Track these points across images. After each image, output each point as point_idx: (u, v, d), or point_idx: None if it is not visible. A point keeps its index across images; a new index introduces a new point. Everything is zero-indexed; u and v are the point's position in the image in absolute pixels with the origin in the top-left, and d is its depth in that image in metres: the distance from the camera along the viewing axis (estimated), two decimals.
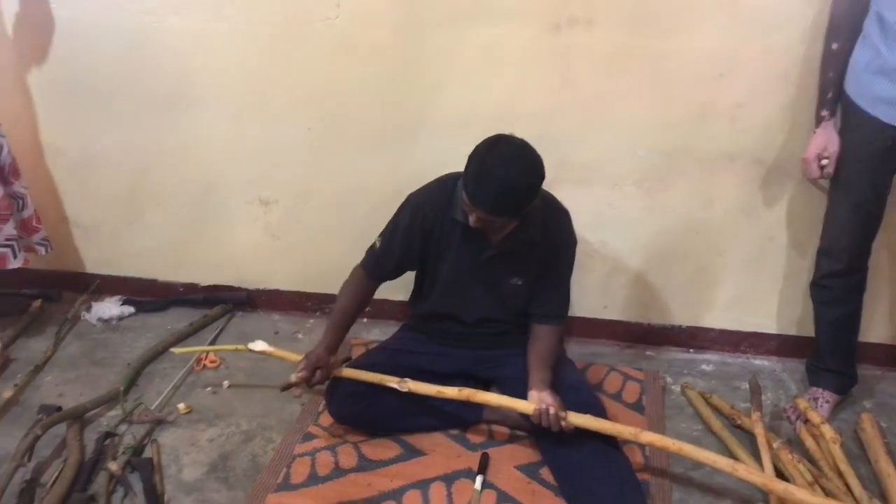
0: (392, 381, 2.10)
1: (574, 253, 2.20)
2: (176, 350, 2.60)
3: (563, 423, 1.94)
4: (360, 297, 2.22)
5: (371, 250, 2.19)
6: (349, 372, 2.15)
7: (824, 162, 2.10)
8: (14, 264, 2.68)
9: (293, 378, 2.07)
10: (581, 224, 2.27)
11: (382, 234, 2.17)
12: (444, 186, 2.10)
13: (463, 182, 1.92)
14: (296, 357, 2.29)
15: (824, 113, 2.09)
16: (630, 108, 2.39)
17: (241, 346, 2.40)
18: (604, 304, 2.72)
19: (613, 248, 2.62)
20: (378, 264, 2.18)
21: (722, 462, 1.88)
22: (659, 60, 2.31)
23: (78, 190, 2.95)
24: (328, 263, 2.79)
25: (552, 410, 1.94)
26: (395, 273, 2.22)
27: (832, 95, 2.07)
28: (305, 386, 2.09)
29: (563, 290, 2.21)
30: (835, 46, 2.04)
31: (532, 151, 1.90)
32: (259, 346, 2.34)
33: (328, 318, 2.21)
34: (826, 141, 2.09)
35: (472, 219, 1.95)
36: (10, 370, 2.62)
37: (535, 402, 1.98)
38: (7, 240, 2.65)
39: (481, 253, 2.10)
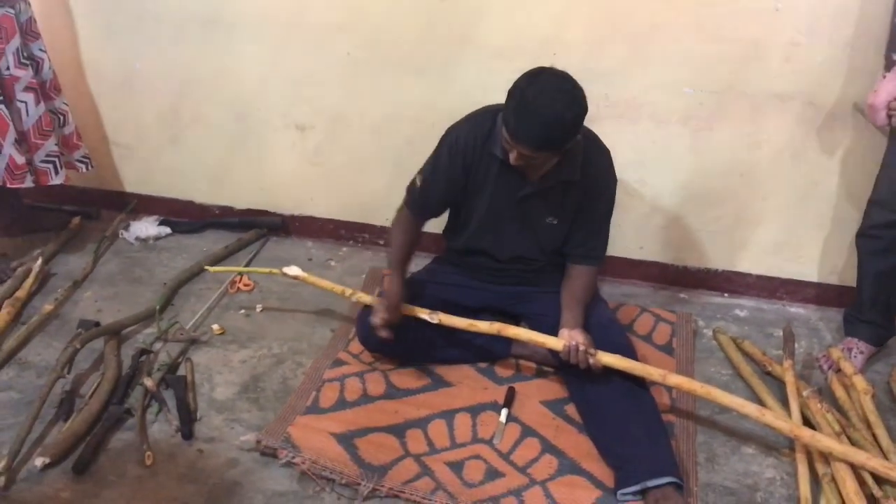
0: (423, 313, 2.10)
1: (614, 193, 2.14)
2: (210, 268, 2.63)
3: (591, 361, 1.94)
4: (410, 235, 2.19)
5: (412, 188, 2.15)
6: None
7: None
8: (56, 180, 2.71)
9: (379, 327, 2.04)
10: (622, 162, 2.21)
11: (422, 171, 2.13)
12: (482, 119, 2.04)
13: (504, 118, 1.85)
14: (329, 284, 2.32)
15: None
16: (679, 42, 2.29)
17: (275, 270, 2.42)
18: (640, 245, 2.69)
19: (653, 188, 2.56)
20: (421, 202, 2.14)
21: (749, 407, 1.87)
22: None
23: (118, 109, 2.96)
24: (364, 192, 2.79)
25: (582, 348, 1.94)
26: (439, 209, 2.19)
27: None
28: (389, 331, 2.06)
29: (602, 231, 2.16)
30: None
31: (574, 83, 1.83)
32: (293, 271, 2.36)
33: (389, 259, 2.17)
34: None
35: (512, 156, 1.88)
36: (50, 284, 2.68)
37: (566, 339, 1.98)
38: (49, 156, 2.68)
39: (518, 190, 2.05)
